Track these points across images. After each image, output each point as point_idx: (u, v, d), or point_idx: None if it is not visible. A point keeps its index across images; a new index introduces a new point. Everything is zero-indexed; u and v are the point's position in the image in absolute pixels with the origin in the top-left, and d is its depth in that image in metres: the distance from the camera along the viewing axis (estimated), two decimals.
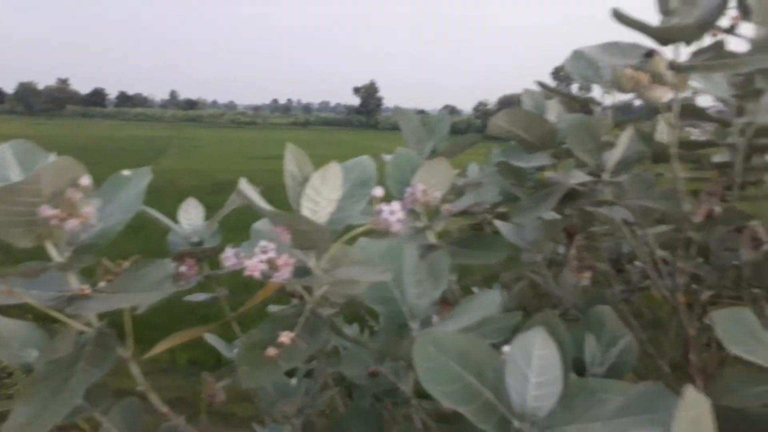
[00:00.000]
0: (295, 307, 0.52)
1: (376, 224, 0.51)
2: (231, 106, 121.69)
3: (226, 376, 1.06)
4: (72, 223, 0.40)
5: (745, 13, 0.61)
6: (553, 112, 0.83)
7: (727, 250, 0.79)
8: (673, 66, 0.60)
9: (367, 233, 0.53)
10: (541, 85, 0.84)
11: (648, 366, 0.78)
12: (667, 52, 0.61)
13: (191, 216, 0.75)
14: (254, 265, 0.46)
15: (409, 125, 0.87)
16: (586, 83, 0.79)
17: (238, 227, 0.83)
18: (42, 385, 0.42)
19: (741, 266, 0.74)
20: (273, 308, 0.95)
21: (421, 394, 0.65)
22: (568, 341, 0.45)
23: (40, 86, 73.78)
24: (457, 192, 0.90)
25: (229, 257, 0.48)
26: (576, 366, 0.56)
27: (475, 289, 1.00)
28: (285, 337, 0.48)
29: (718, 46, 0.60)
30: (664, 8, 0.62)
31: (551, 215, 0.83)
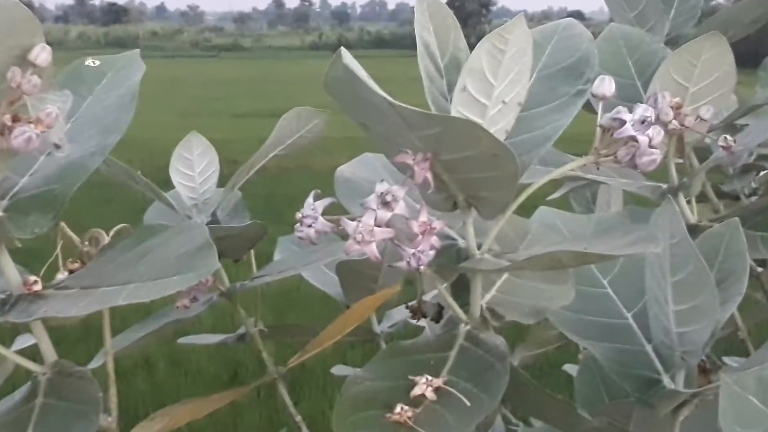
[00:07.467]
0: (443, 333, 0.27)
1: (607, 146, 0.26)
2: (193, 15, 63.13)
3: None
4: (23, 136, 0.19)
5: None
6: None
7: None
8: None
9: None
10: None
11: None
12: None
13: (197, 171, 0.41)
14: (366, 229, 0.22)
15: None
16: None
17: None
18: None
19: None
20: (340, 369, 0.64)
21: None
22: None
23: None
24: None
25: (311, 215, 0.24)
26: None
27: None
28: (428, 388, 0.23)
29: None
30: None
31: None
